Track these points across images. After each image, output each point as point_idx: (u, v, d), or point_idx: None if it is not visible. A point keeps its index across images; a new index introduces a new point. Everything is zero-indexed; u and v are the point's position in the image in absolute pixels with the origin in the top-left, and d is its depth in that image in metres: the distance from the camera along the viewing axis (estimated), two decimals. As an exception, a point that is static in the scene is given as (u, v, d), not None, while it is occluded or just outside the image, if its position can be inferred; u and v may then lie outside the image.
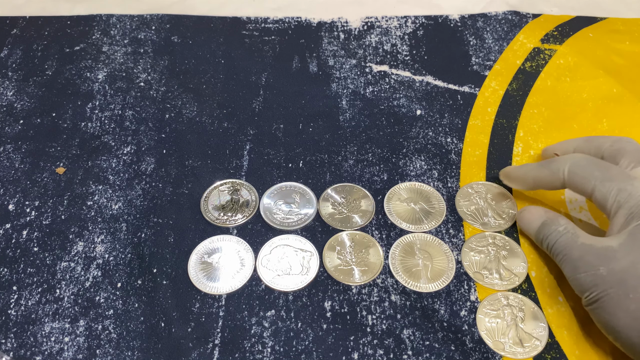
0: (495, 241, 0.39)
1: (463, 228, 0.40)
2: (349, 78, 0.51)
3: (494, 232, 0.40)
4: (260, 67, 0.52)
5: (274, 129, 0.47)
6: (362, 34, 0.55)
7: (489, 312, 0.36)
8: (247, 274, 0.38)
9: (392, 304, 0.36)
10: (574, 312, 0.36)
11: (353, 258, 0.38)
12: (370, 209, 0.41)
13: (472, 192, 0.42)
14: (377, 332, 0.35)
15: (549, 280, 0.37)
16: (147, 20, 0.56)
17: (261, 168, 0.44)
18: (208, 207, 0.42)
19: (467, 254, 0.39)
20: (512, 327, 0.35)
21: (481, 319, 0.35)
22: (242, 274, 0.38)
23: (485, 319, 0.35)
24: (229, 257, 0.39)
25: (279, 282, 0.37)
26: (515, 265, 0.38)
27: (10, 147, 0.46)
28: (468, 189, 0.42)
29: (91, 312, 0.36)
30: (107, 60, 0.53)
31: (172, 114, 0.48)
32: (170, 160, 0.45)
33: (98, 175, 0.44)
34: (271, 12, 0.57)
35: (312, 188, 0.43)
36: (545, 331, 0.35)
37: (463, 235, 0.40)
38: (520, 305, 0.36)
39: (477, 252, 0.39)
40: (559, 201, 0.41)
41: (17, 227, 0.40)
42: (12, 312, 0.36)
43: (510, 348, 0.34)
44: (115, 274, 0.38)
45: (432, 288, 0.37)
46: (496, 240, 0.39)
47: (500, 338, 0.35)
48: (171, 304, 0.37)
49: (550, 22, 0.56)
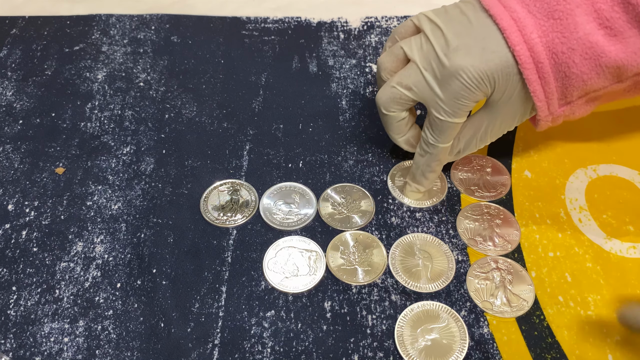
0: (490, 210, 0.41)
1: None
2: (349, 78, 0.51)
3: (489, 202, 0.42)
4: (260, 67, 0.52)
5: (273, 129, 0.47)
6: (362, 34, 0.55)
7: (478, 274, 0.37)
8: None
9: (392, 304, 0.36)
10: (574, 312, 0.36)
11: (357, 258, 0.38)
12: (370, 209, 0.41)
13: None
14: (377, 334, 0.35)
15: (549, 280, 0.37)
16: (146, 20, 0.56)
17: (261, 168, 0.44)
18: (208, 207, 0.41)
19: (461, 221, 0.40)
20: (501, 289, 0.37)
21: (471, 281, 0.37)
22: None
23: (474, 281, 0.37)
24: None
25: (287, 284, 0.37)
26: (508, 232, 0.39)
27: (10, 147, 0.45)
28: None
29: (91, 312, 0.36)
30: (107, 60, 0.53)
31: (171, 114, 0.48)
32: (170, 160, 0.45)
33: (97, 175, 0.44)
34: (271, 12, 0.57)
35: (312, 188, 0.43)
36: (532, 292, 0.36)
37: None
38: (508, 268, 0.38)
39: (472, 220, 0.40)
40: (559, 201, 0.41)
41: (17, 228, 0.40)
42: (11, 312, 0.36)
43: (499, 308, 0.36)
44: (115, 274, 0.38)
45: (432, 288, 0.37)
46: (491, 210, 0.41)
47: (489, 298, 0.36)
48: (171, 304, 0.37)
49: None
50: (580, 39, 0.33)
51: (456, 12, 0.37)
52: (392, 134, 0.41)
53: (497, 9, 0.35)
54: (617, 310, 0.36)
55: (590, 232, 0.40)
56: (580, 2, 0.33)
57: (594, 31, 0.33)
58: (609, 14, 0.33)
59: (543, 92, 0.35)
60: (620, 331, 0.35)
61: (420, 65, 0.37)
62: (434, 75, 0.36)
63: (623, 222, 0.40)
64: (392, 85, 0.38)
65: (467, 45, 0.35)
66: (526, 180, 0.43)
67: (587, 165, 0.44)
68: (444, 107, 0.36)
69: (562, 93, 0.36)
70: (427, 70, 0.36)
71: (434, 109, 0.37)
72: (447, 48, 0.35)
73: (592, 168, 0.43)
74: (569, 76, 0.34)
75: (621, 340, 0.34)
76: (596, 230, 0.40)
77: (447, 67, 0.35)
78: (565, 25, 0.33)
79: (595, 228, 0.40)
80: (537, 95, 0.35)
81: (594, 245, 0.39)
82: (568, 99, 0.36)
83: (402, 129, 0.41)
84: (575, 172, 0.43)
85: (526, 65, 0.34)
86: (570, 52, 0.33)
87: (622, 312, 0.36)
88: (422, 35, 0.38)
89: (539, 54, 0.34)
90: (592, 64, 0.34)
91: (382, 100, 0.39)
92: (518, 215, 0.41)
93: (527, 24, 0.34)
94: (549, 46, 0.34)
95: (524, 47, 0.34)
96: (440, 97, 0.36)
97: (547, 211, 0.41)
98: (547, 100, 0.36)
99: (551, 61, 0.34)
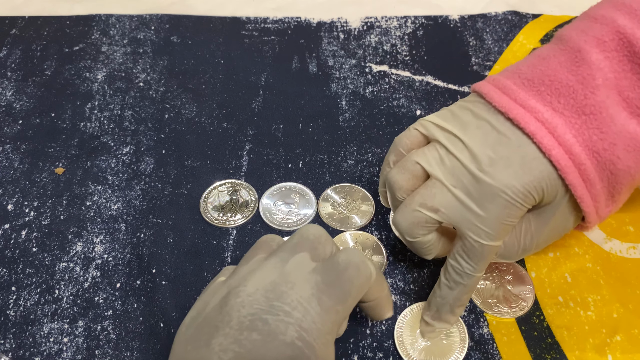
0: (499, 266, 0.39)
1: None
2: (349, 78, 0.51)
3: None
4: (259, 67, 0.52)
5: (273, 129, 0.47)
6: (362, 34, 0.55)
7: None
8: None
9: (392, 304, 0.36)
10: (573, 312, 0.36)
11: None
12: (370, 210, 0.41)
13: None
14: (376, 334, 0.35)
15: (548, 281, 0.37)
16: (146, 20, 0.56)
17: (261, 168, 0.44)
18: (207, 207, 0.41)
19: None
20: (501, 289, 0.36)
21: None
22: None
23: None
24: None
25: None
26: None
27: (9, 147, 0.45)
28: None
29: (90, 312, 0.36)
30: (107, 61, 0.53)
31: (171, 114, 0.48)
32: (170, 160, 0.45)
33: (97, 175, 0.44)
34: (271, 12, 0.57)
35: (312, 188, 0.43)
36: (531, 293, 0.36)
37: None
38: (508, 269, 0.37)
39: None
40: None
41: (16, 228, 0.40)
42: (11, 312, 0.36)
43: (499, 308, 0.36)
44: (115, 275, 0.38)
45: (432, 288, 0.37)
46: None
47: (488, 298, 0.36)
48: (170, 305, 0.37)
49: (550, 23, 0.56)
50: (620, 132, 0.29)
51: (468, 116, 0.32)
52: (423, 256, 0.35)
53: (516, 111, 0.30)
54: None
55: (590, 232, 0.40)
56: (608, 93, 0.30)
57: (629, 121, 0.30)
58: (638, 102, 0.30)
59: (589, 195, 0.31)
60: (620, 331, 0.35)
61: (447, 183, 0.31)
62: (468, 194, 0.31)
63: (623, 222, 0.40)
64: (414, 208, 0.32)
65: (503, 157, 0.30)
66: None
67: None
68: (485, 230, 0.30)
69: (610, 193, 0.31)
70: (457, 188, 0.31)
71: (473, 233, 0.31)
72: (479, 162, 0.30)
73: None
74: (615, 174, 0.30)
75: (621, 340, 0.34)
76: (596, 230, 0.40)
77: (486, 184, 0.30)
78: (600, 120, 0.29)
79: (595, 228, 0.40)
80: (584, 201, 0.31)
81: (594, 246, 0.39)
82: (615, 197, 0.32)
83: (431, 250, 0.34)
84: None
85: (567, 169, 0.30)
86: (613, 148, 0.29)
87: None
88: (436, 146, 0.32)
89: (579, 156, 0.30)
90: (637, 157, 0.30)
91: (404, 226, 0.33)
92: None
93: (557, 123, 0.30)
94: (587, 145, 0.30)
95: (560, 150, 0.30)
96: (481, 217, 0.30)
97: (547, 211, 0.41)
98: (594, 205, 0.31)
99: (593, 161, 0.30)
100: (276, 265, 0.29)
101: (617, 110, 0.30)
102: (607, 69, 0.30)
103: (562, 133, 0.30)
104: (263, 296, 0.27)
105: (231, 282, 0.29)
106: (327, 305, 0.28)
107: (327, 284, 0.28)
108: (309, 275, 0.28)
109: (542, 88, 0.31)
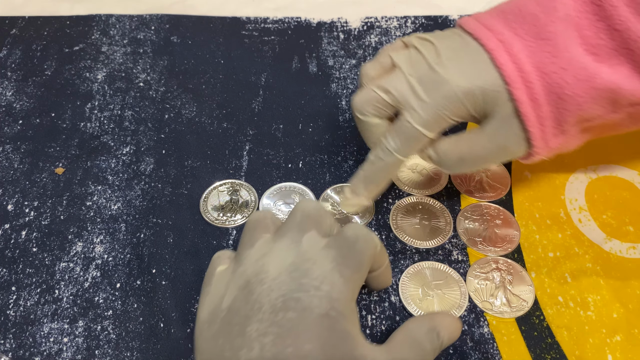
0: (490, 211, 0.41)
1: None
2: (349, 78, 0.51)
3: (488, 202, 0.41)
4: (259, 67, 0.52)
5: (273, 129, 0.47)
6: (362, 34, 0.55)
7: (478, 274, 0.37)
8: None
9: (391, 305, 0.36)
10: (573, 312, 0.36)
11: None
12: (370, 210, 0.41)
13: None
14: (376, 334, 0.35)
15: (548, 281, 0.37)
16: (146, 21, 0.56)
17: (261, 168, 0.44)
18: (207, 207, 0.41)
19: (461, 222, 0.40)
20: (501, 289, 0.37)
21: (471, 281, 0.37)
22: None
23: (474, 281, 0.37)
24: None
25: None
26: (508, 233, 0.39)
27: (9, 147, 0.45)
28: None
29: (90, 312, 0.36)
30: (107, 61, 0.53)
31: (171, 114, 0.48)
32: (170, 160, 0.45)
33: (97, 175, 0.44)
34: (271, 12, 0.57)
35: (312, 188, 0.43)
36: (531, 293, 0.36)
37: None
38: (508, 269, 0.37)
39: (471, 220, 0.40)
40: (559, 201, 0.41)
41: (16, 228, 0.40)
42: (10, 312, 0.36)
43: (498, 308, 0.36)
44: (115, 275, 0.38)
45: (432, 288, 0.37)
46: (490, 210, 0.41)
47: (488, 298, 0.36)
48: (170, 305, 0.37)
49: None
50: (572, 59, 0.32)
51: (445, 33, 0.36)
52: (369, 143, 0.37)
53: (482, 31, 0.34)
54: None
55: (590, 232, 0.40)
56: (567, 26, 0.32)
57: (583, 55, 0.32)
58: (595, 41, 0.32)
59: (535, 115, 0.33)
60: (620, 331, 0.35)
61: (405, 71, 0.35)
62: (420, 80, 0.34)
63: (623, 223, 0.40)
64: (370, 88, 0.35)
65: (459, 58, 0.34)
66: (526, 180, 0.43)
67: (587, 166, 0.44)
68: (420, 113, 0.33)
69: (557, 119, 0.33)
70: (412, 76, 0.34)
71: (409, 115, 0.34)
72: (439, 58, 0.34)
73: (592, 168, 0.43)
74: (563, 99, 0.32)
75: (621, 340, 0.34)
76: (596, 230, 0.40)
77: (438, 75, 0.33)
78: (554, 46, 0.32)
79: (595, 228, 0.40)
80: (529, 118, 0.32)
81: (594, 246, 0.39)
82: (563, 127, 0.33)
83: (375, 134, 0.36)
84: (575, 173, 0.43)
85: (515, 84, 0.32)
86: (562, 72, 0.32)
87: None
88: (411, 48, 0.36)
89: (529, 74, 0.32)
90: (586, 86, 0.32)
91: (357, 102, 0.36)
92: (518, 215, 0.41)
93: (514, 44, 0.33)
94: (538, 66, 0.32)
95: (512, 66, 0.32)
96: (423, 102, 0.33)
97: (547, 211, 0.41)
98: (540, 127, 0.33)
99: (542, 82, 0.32)
100: (290, 246, 0.30)
101: (573, 44, 0.32)
102: (570, 7, 0.33)
103: (516, 52, 0.33)
104: (288, 277, 0.28)
105: (246, 270, 0.30)
106: (347, 276, 0.29)
107: (343, 257, 0.30)
108: (324, 251, 0.30)
109: (510, 16, 0.34)
